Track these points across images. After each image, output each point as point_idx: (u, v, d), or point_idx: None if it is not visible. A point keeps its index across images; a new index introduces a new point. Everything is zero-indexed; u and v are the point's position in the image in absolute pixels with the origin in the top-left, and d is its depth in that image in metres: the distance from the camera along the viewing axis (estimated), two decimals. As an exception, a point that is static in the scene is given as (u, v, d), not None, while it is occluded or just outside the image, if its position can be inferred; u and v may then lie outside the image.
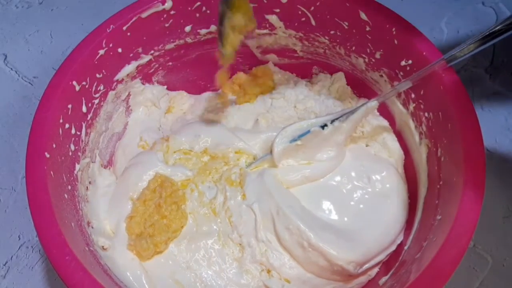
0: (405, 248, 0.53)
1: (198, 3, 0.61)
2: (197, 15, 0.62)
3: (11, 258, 0.63)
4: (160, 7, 0.59)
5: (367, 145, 0.62)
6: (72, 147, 0.54)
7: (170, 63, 0.68)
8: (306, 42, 0.66)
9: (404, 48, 0.55)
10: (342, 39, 0.62)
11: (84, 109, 0.56)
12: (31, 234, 0.65)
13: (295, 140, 0.57)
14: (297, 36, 0.65)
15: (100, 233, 0.54)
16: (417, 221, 0.54)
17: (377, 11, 0.56)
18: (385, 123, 0.63)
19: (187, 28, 0.63)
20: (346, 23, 0.59)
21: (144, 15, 0.59)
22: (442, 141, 0.51)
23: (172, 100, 0.71)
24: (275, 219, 0.54)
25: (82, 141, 0.56)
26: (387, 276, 0.52)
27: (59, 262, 0.42)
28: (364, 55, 0.61)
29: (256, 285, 0.53)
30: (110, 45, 0.57)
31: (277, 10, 0.62)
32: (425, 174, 0.55)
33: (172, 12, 0.61)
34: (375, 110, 0.58)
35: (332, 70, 0.68)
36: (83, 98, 0.56)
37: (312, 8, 0.60)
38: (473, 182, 0.44)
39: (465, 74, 0.78)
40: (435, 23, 0.85)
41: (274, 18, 0.63)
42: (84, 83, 0.55)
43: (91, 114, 0.58)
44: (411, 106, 0.57)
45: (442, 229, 0.44)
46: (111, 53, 0.58)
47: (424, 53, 0.53)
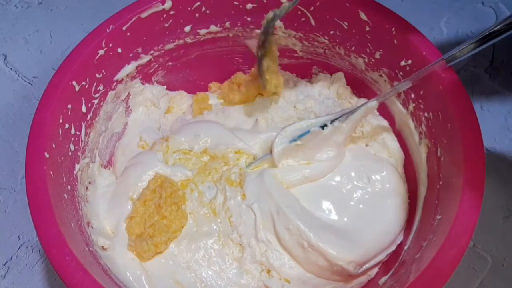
0: (405, 248, 0.53)
1: (198, 3, 0.61)
2: (197, 15, 0.62)
3: (11, 258, 0.63)
4: (160, 7, 0.59)
5: (367, 145, 0.62)
6: (72, 147, 0.54)
7: (170, 63, 0.67)
8: (306, 42, 0.66)
9: (404, 48, 0.55)
10: (342, 39, 0.62)
11: (84, 109, 0.56)
12: (31, 234, 0.65)
13: (295, 140, 0.56)
14: (297, 36, 0.65)
15: (100, 233, 0.54)
16: (417, 221, 0.54)
17: (377, 11, 0.56)
18: (385, 123, 0.63)
19: (187, 28, 0.63)
20: (346, 23, 0.59)
21: (144, 15, 0.59)
22: (442, 141, 0.51)
23: (172, 100, 0.71)
24: (275, 219, 0.54)
25: (82, 141, 0.56)
26: (387, 276, 0.52)
27: (59, 262, 0.42)
28: (364, 55, 0.61)
29: (256, 285, 0.53)
30: (110, 45, 0.57)
31: (277, 10, 0.62)
32: (425, 174, 0.55)
33: (172, 12, 0.61)
34: (375, 110, 0.58)
35: (332, 70, 0.68)
36: (83, 98, 0.56)
37: (312, 8, 0.60)
38: (473, 182, 0.44)
39: (465, 74, 0.78)
40: (435, 23, 0.85)
41: (274, 18, 0.63)
42: (84, 83, 0.55)
43: (91, 114, 0.58)
44: (411, 106, 0.57)
45: (442, 229, 0.44)
46: (111, 53, 0.58)
47: (424, 53, 0.53)
